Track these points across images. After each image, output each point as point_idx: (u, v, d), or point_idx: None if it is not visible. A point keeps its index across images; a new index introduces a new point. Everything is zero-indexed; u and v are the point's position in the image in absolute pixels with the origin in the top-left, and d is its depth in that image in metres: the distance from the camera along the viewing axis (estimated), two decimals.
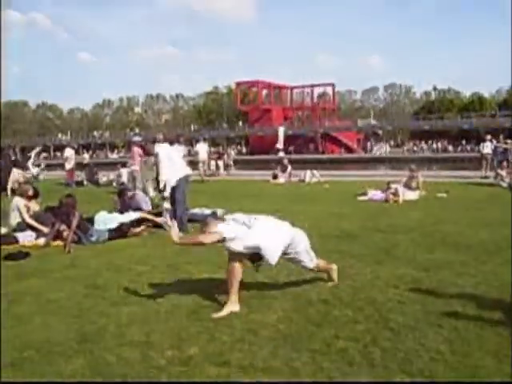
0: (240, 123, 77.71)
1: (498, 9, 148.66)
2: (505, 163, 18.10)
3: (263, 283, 5.36)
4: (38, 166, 26.81)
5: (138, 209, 9.38)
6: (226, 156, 29.29)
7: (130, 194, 9.81)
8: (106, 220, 8.46)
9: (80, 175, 22.41)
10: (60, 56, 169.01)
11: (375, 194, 13.50)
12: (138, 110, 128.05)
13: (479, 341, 3.75)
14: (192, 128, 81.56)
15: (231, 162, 29.97)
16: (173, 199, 9.09)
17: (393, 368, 3.37)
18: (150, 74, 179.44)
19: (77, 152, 26.71)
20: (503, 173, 16.95)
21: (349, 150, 64.87)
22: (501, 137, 19.99)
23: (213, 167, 26.84)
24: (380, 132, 70.74)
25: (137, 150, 16.11)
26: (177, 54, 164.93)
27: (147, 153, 15.86)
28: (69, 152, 21.20)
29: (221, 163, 27.27)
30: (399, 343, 3.76)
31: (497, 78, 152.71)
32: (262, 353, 3.65)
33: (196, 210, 10.40)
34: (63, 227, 7.91)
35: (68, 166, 20.83)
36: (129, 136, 75.84)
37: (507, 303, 4.61)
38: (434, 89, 75.29)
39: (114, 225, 8.37)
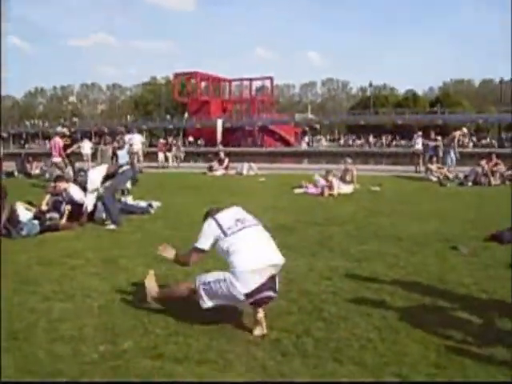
0: (186, 114, 76.33)
1: (432, 6, 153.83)
2: (435, 158, 18.79)
3: None
4: None
5: (71, 201, 9.12)
6: (175, 148, 28.53)
7: (63, 185, 9.50)
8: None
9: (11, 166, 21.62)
10: None
11: (311, 187, 13.73)
12: (72, 99, 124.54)
13: (407, 329, 3.90)
14: (128, 119, 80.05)
15: (181, 155, 28.94)
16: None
17: (325, 357, 3.45)
18: (85, 63, 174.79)
19: (6, 142, 25.72)
20: (433, 167, 17.60)
21: (286, 143, 65.52)
22: (432, 133, 20.68)
23: (161, 159, 26.42)
24: (317, 126, 71.80)
25: (58, 141, 15.78)
26: (113, 43, 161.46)
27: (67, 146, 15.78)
28: None
29: (170, 155, 26.82)
30: (331, 333, 3.86)
31: (429, 77, 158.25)
32: (197, 345, 3.66)
33: (131, 202, 10.27)
34: None
35: None
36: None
37: (434, 292, 4.81)
38: (370, 85, 76.87)
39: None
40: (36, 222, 8.21)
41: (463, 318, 4.14)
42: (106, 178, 8.84)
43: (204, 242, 4.08)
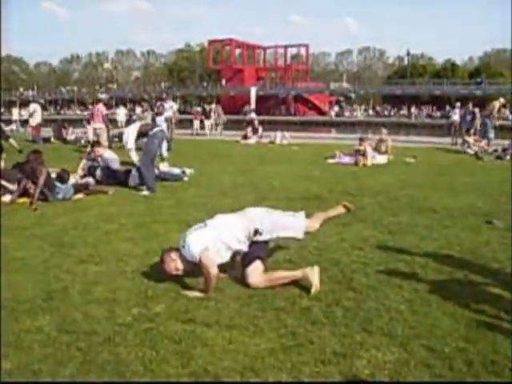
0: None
1: None
2: (472, 131, 18.34)
3: None
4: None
5: (106, 167, 9.28)
6: (216, 115, 27.88)
7: (100, 150, 9.68)
8: None
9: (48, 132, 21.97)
10: (23, 5, 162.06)
11: (344, 157, 13.62)
12: (107, 66, 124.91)
13: (438, 302, 3.88)
14: (162, 86, 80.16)
15: (221, 122, 27.73)
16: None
17: (354, 327, 3.47)
18: (120, 30, 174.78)
19: (44, 108, 26.01)
20: (470, 140, 17.21)
21: (320, 112, 64.81)
22: (470, 104, 20.14)
23: (196, 126, 26.17)
24: (352, 95, 70.75)
25: (101, 107, 15.88)
26: (148, 9, 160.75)
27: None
28: (35, 107, 20.68)
29: (207, 122, 26.48)
30: (361, 303, 3.87)
31: (469, 46, 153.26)
32: (227, 311, 3.72)
33: (165, 169, 10.37)
34: (29, 184, 7.78)
35: (33, 121, 20.34)
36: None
37: (466, 266, 4.76)
38: (407, 54, 74.90)
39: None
40: (68, 185, 8.35)
41: (495, 293, 4.09)
42: (140, 135, 8.96)
43: (201, 243, 4.04)
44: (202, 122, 26.54)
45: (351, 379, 2.83)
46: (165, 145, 13.90)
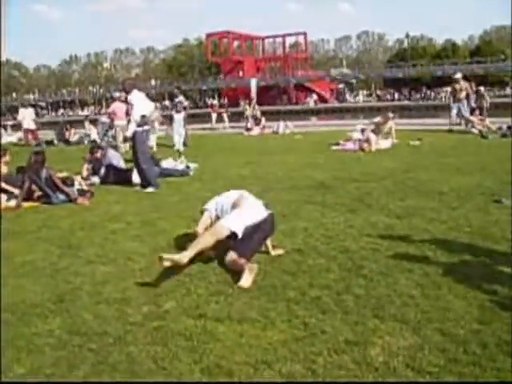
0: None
1: None
2: (477, 111, 18.21)
3: None
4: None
5: (110, 165, 9.26)
6: (251, 108, 26.70)
7: (100, 151, 9.68)
8: None
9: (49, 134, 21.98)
10: (13, 10, 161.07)
11: (348, 144, 13.54)
12: (106, 65, 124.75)
13: (449, 285, 3.84)
14: (155, 82, 79.95)
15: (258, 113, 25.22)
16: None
17: (366, 314, 3.44)
18: (117, 28, 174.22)
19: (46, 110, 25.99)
20: (474, 119, 17.07)
21: (322, 99, 64.57)
22: (472, 84, 19.98)
23: (213, 120, 25.89)
24: (353, 81, 70.43)
25: (119, 105, 15.78)
26: (144, 5, 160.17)
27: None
28: (29, 112, 20.68)
29: (214, 116, 26.17)
30: (372, 290, 3.84)
31: (469, 25, 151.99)
32: (237, 304, 3.69)
33: (169, 165, 10.35)
34: (34, 187, 7.76)
35: (31, 126, 20.31)
36: (99, 93, 75.06)
37: (476, 247, 4.71)
38: (407, 36, 74.25)
39: None
40: (74, 188, 8.30)
41: (507, 273, 4.05)
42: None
43: None
44: (219, 114, 26.26)
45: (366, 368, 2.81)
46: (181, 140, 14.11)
